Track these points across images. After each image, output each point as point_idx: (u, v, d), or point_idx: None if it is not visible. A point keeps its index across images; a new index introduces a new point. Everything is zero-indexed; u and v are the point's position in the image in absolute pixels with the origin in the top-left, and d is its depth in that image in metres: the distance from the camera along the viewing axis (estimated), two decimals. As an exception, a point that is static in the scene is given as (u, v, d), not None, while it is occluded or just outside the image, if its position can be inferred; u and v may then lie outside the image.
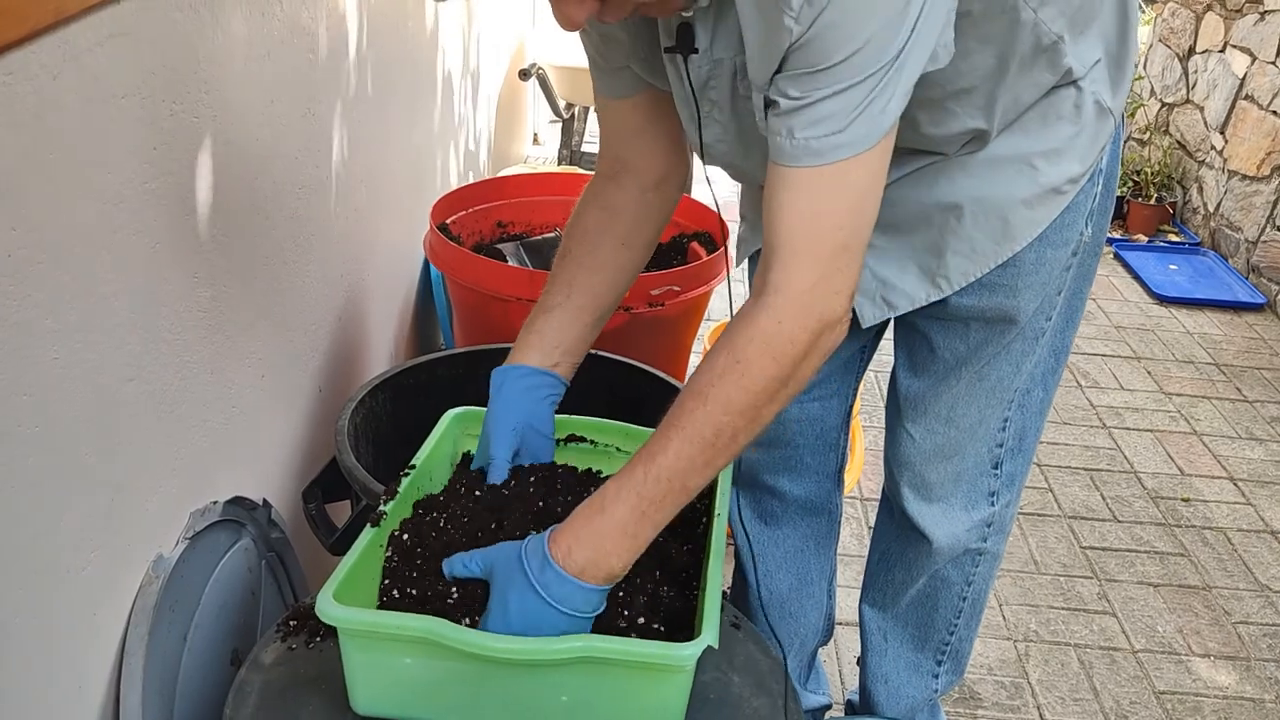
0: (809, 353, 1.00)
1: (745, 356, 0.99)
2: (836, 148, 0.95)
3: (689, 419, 1.00)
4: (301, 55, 1.62)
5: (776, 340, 0.99)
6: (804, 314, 0.99)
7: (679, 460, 0.99)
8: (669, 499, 1.00)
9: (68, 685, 1.08)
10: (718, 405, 0.99)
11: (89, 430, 1.06)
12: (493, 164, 3.76)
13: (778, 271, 0.99)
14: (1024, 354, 1.37)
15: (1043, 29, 1.12)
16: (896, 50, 0.91)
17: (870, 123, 0.95)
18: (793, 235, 0.99)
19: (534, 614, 0.98)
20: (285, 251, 1.61)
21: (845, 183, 0.98)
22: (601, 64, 1.20)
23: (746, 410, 1.00)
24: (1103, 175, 1.29)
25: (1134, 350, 3.52)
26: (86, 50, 1.00)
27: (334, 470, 1.58)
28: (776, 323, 0.99)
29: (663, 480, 0.99)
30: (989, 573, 1.59)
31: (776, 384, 1.00)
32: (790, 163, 0.97)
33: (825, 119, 0.94)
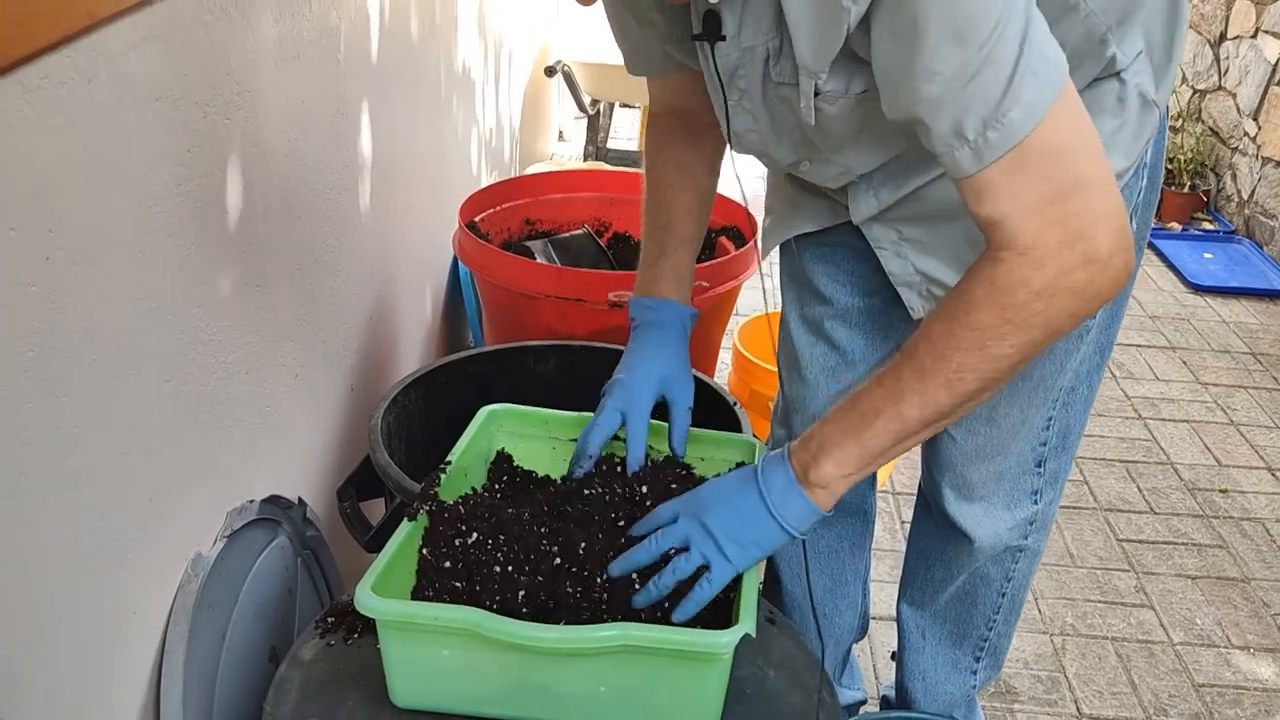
0: (1052, 296, 0.94)
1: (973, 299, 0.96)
2: (1016, 126, 0.89)
3: (915, 354, 0.99)
4: (330, 56, 1.63)
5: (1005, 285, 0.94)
6: (1039, 262, 0.93)
7: (942, 408, 1.00)
8: (923, 435, 1.03)
9: (109, 684, 1.09)
10: (941, 340, 0.98)
11: (127, 431, 1.07)
12: (519, 161, 3.77)
13: (999, 232, 0.93)
14: (1068, 352, 1.35)
15: (1094, 20, 1.09)
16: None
17: (1036, 82, 0.88)
18: (998, 208, 0.93)
19: (754, 522, 1.05)
20: (317, 251, 1.62)
21: (1038, 148, 0.90)
22: (641, 47, 1.22)
23: (974, 347, 0.97)
24: (1147, 169, 1.26)
25: (1169, 340, 3.48)
26: (119, 54, 1.01)
27: (368, 468, 1.59)
28: (1006, 271, 0.94)
29: (919, 426, 1.01)
30: (1029, 569, 1.57)
31: (1008, 326, 0.95)
32: (976, 168, 0.92)
33: (985, 97, 0.88)
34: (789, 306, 1.50)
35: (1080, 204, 0.92)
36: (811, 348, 1.47)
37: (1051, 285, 0.93)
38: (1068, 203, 0.92)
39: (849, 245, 1.37)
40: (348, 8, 1.69)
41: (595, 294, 2.00)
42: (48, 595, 0.95)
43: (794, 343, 1.49)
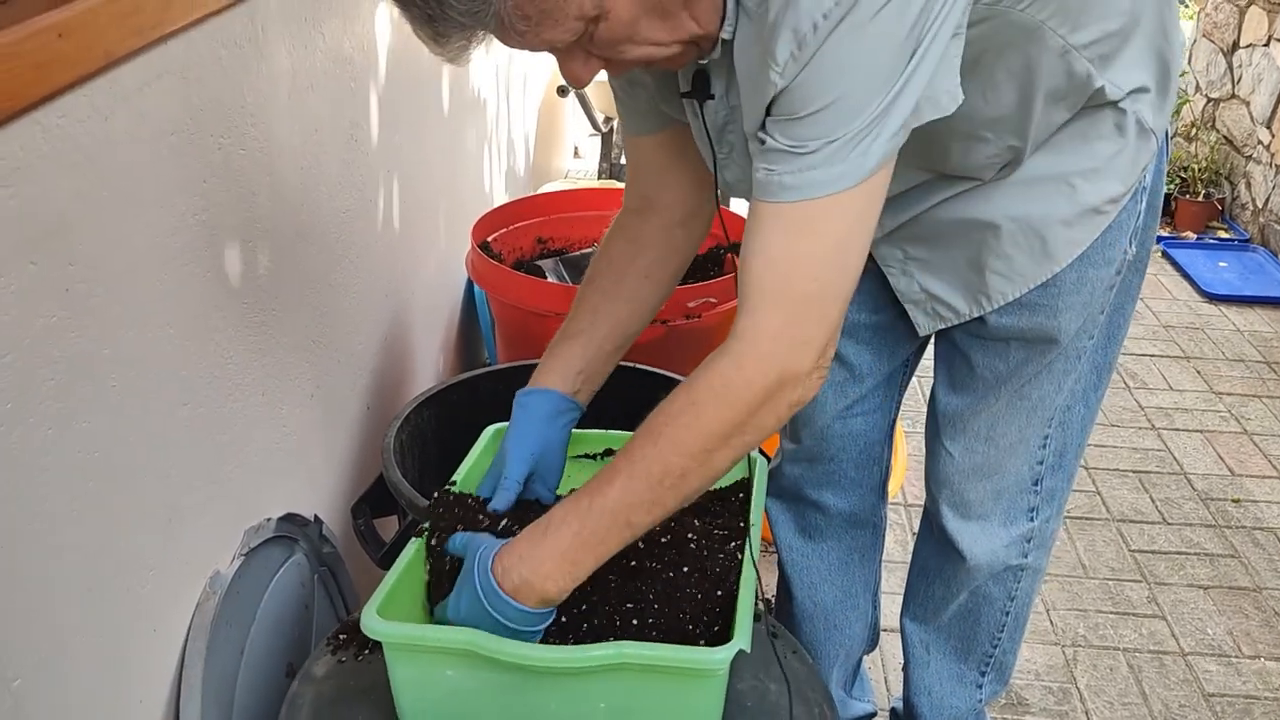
0: (766, 403, 0.97)
1: (700, 399, 0.98)
2: (811, 184, 0.93)
3: (639, 456, 1.00)
4: (343, 84, 1.67)
5: (734, 386, 0.97)
6: (764, 362, 0.97)
7: (625, 495, 0.99)
8: (612, 533, 1.00)
9: (130, 699, 1.12)
10: (669, 446, 0.99)
11: (146, 453, 1.11)
12: (533, 179, 3.81)
13: (744, 317, 0.98)
14: (1065, 373, 1.36)
15: (1074, 56, 1.10)
16: (879, 105, 0.90)
17: (849, 163, 0.92)
18: (761, 279, 0.97)
19: (476, 617, 1.02)
20: (331, 275, 1.65)
21: (819, 225, 0.95)
22: (628, 102, 1.22)
23: (697, 454, 0.99)
24: (1147, 193, 1.28)
25: (1183, 350, 3.48)
26: (135, 90, 1.04)
27: (381, 486, 1.62)
28: (736, 369, 0.97)
29: (606, 514, 1.00)
30: (1031, 587, 1.59)
31: (730, 430, 0.98)
32: (764, 196, 0.96)
33: (806, 160, 0.93)
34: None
35: (820, 314, 0.97)
36: None
37: (768, 390, 0.97)
38: (813, 309, 0.97)
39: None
40: (360, 37, 1.73)
41: (605, 312, 2.02)
42: (70, 614, 0.99)
43: None
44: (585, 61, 0.96)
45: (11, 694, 0.90)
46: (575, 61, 0.96)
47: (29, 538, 0.91)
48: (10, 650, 0.90)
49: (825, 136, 0.91)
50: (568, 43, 0.92)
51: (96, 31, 0.94)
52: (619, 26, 0.93)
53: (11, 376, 0.87)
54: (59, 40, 0.88)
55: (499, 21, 0.88)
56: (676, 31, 0.96)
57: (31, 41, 0.84)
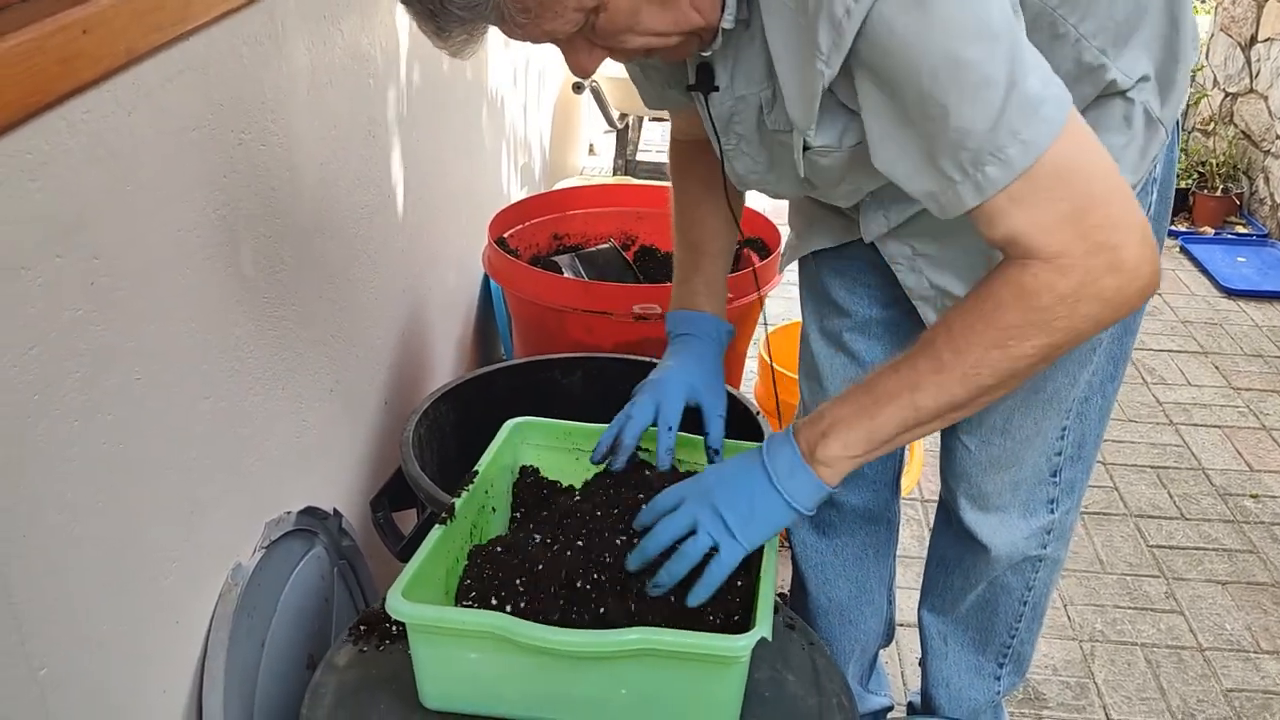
0: (1077, 301, 0.95)
1: (999, 298, 0.96)
2: (1013, 162, 0.90)
3: (936, 350, 1.00)
4: (362, 80, 1.68)
5: (1034, 290, 0.95)
6: (1064, 270, 0.93)
7: (956, 400, 1.01)
8: (924, 428, 1.04)
9: (153, 690, 1.13)
10: (962, 338, 0.98)
11: (168, 447, 1.12)
12: (549, 175, 3.82)
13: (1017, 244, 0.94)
14: (1080, 365, 1.36)
15: (1084, 45, 1.11)
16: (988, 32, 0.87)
17: (1034, 114, 0.89)
18: (1014, 230, 0.94)
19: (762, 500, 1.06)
20: (350, 270, 1.67)
21: (1048, 176, 0.91)
22: (645, 85, 1.24)
23: (997, 344, 0.98)
24: (1157, 185, 1.27)
25: (1201, 345, 3.47)
26: (158, 86, 1.06)
27: (400, 480, 1.63)
28: (1032, 275, 0.94)
29: (926, 415, 1.02)
30: (1049, 578, 1.58)
31: (1033, 328, 0.96)
32: (978, 200, 0.93)
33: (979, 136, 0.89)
34: (808, 319, 1.53)
35: (1099, 218, 0.93)
36: (831, 359, 1.49)
37: (1077, 291, 0.94)
38: (1086, 218, 0.93)
39: (865, 259, 1.40)
40: (378, 33, 1.74)
41: (621, 307, 2.03)
42: (94, 605, 1.00)
43: (814, 354, 1.52)
44: (589, 52, 0.97)
45: (38, 683, 0.92)
46: (578, 52, 0.97)
47: (54, 529, 0.92)
48: (37, 640, 0.91)
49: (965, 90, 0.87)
50: (569, 33, 0.93)
51: (119, 28, 0.95)
52: (620, 16, 0.93)
53: (38, 369, 0.88)
54: (83, 36, 0.89)
55: (499, 14, 0.89)
56: (678, 22, 0.96)
57: (57, 37, 0.85)
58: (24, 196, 0.85)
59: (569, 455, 1.35)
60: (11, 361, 0.85)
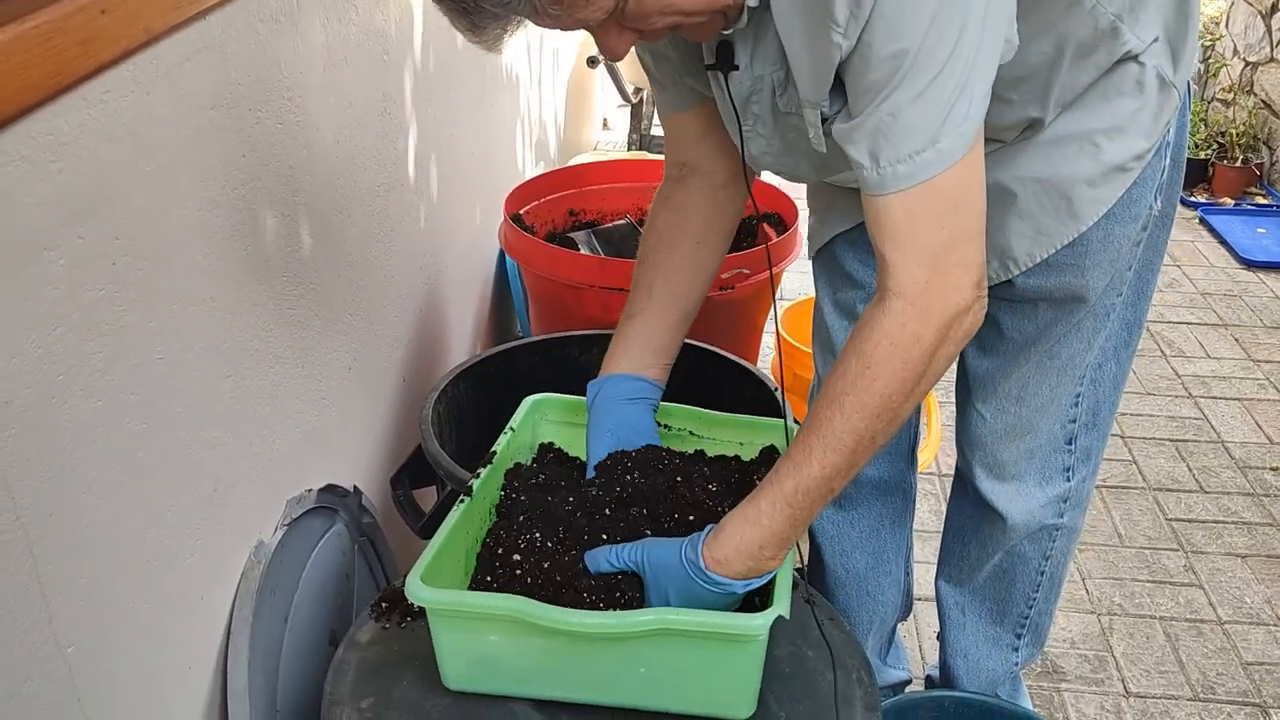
0: (939, 346, 1.01)
1: (874, 362, 1.01)
2: (924, 167, 0.96)
3: (829, 428, 1.03)
4: (377, 57, 1.67)
5: (902, 342, 1.00)
6: (925, 313, 1.00)
7: (824, 469, 1.03)
8: (817, 504, 1.06)
9: (179, 667, 1.15)
10: (855, 412, 1.02)
11: (191, 425, 1.13)
12: (563, 151, 3.81)
13: (891, 277, 1.01)
14: (1095, 331, 1.36)
15: (1100, 11, 1.11)
16: (956, 51, 0.92)
17: (955, 133, 0.95)
18: (897, 245, 1.00)
19: (698, 604, 1.07)
20: (367, 247, 1.67)
21: (938, 193, 0.98)
22: (658, 78, 1.23)
23: (883, 413, 1.02)
24: (1170, 148, 1.27)
25: (1220, 317, 3.44)
26: (176, 65, 1.05)
27: (420, 457, 1.64)
28: (900, 326, 1.00)
29: (812, 490, 1.04)
30: (1066, 547, 1.59)
31: (910, 383, 1.02)
32: (878, 191, 0.98)
33: (903, 137, 0.95)
34: (822, 291, 1.53)
35: (960, 254, 1.00)
36: (844, 330, 1.49)
37: (937, 335, 1.01)
38: (952, 251, 0.99)
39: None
40: (393, 10, 1.74)
41: (638, 283, 2.03)
42: (123, 583, 1.01)
43: (827, 326, 1.52)
44: (619, 35, 0.97)
45: (66, 660, 0.93)
46: (609, 36, 0.97)
47: (80, 509, 0.93)
48: (64, 619, 0.92)
49: (912, 93, 0.93)
50: (600, 20, 0.93)
51: (137, 7, 0.95)
52: (650, 1, 0.93)
53: (62, 350, 0.89)
54: (102, 16, 0.89)
55: (532, 8, 0.90)
56: (710, 1, 0.97)
57: (77, 18, 0.85)
58: (46, 177, 0.86)
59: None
60: (36, 343, 0.85)
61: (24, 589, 0.86)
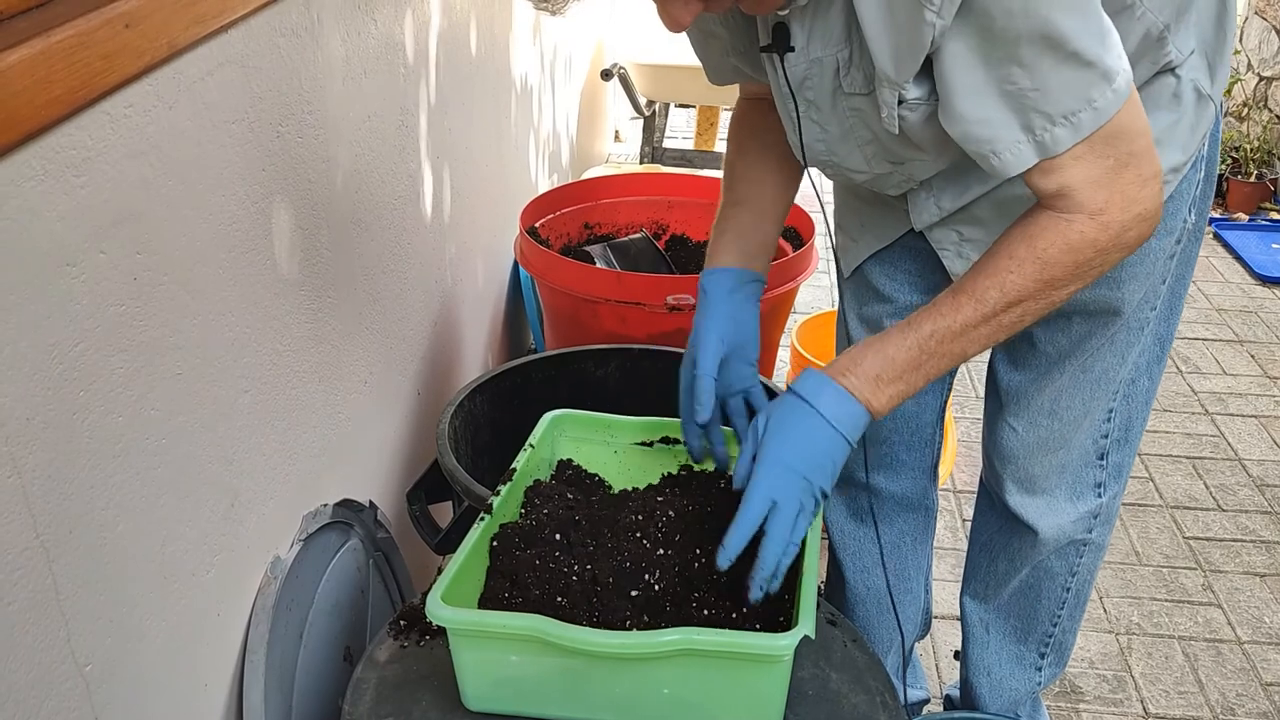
0: (1113, 249, 1.03)
1: (1049, 257, 1.02)
2: (1084, 125, 0.96)
3: (983, 295, 1.04)
4: (395, 71, 1.67)
5: (1079, 246, 1.02)
6: (1106, 226, 1.01)
7: (967, 326, 1.05)
8: (946, 359, 1.06)
9: (196, 682, 1.14)
10: (1014, 290, 1.04)
11: (209, 440, 1.12)
12: (576, 164, 3.81)
13: (1066, 199, 1.01)
14: (1128, 345, 1.36)
15: (1150, 18, 1.11)
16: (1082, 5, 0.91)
17: (1109, 89, 0.95)
18: (1070, 182, 1.00)
19: (810, 431, 1.06)
20: (383, 261, 1.66)
21: (1105, 138, 0.98)
22: (704, 56, 1.24)
23: (1039, 295, 1.04)
24: (1205, 161, 1.27)
25: (1236, 333, 3.42)
26: (198, 80, 1.05)
27: (436, 472, 1.63)
28: (1079, 234, 1.01)
29: (946, 340, 1.05)
30: (1093, 564, 1.57)
31: (1077, 278, 1.04)
32: (1042, 157, 0.99)
33: (1058, 100, 0.95)
34: (848, 305, 1.52)
35: (1134, 172, 1.01)
36: None
37: (1113, 242, 1.02)
38: (1125, 171, 1.00)
39: (907, 245, 1.39)
40: (410, 23, 1.74)
41: (654, 297, 2.02)
42: (140, 599, 1.00)
43: (851, 340, 1.51)
44: (685, 3, 0.96)
45: (83, 678, 0.92)
46: (675, 3, 0.96)
47: (100, 525, 0.92)
48: (83, 636, 0.91)
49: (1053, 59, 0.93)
50: None
51: (161, 21, 0.94)
52: None
53: (85, 365, 0.88)
54: (126, 31, 0.89)
55: None
56: None
57: (101, 32, 0.85)
58: (69, 192, 0.85)
59: (607, 449, 1.34)
60: (58, 359, 0.85)
61: (43, 606, 0.85)
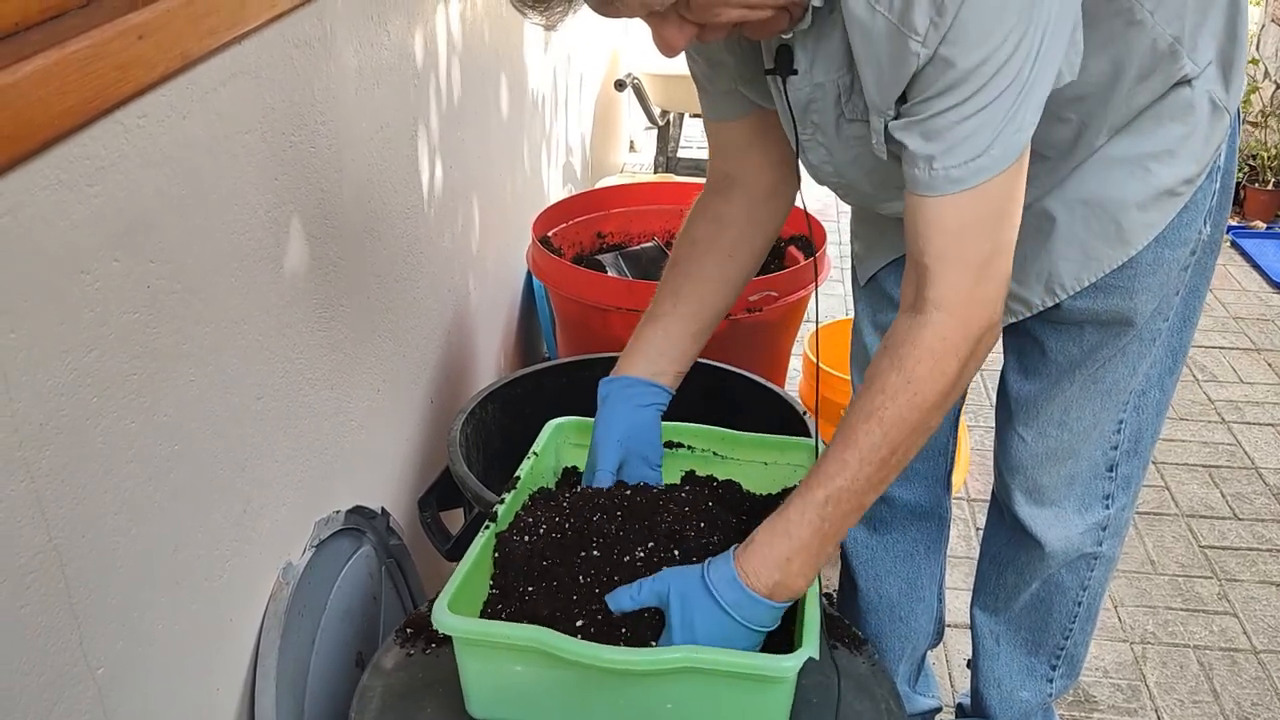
0: (970, 360, 1.04)
1: (916, 376, 1.02)
2: (978, 172, 0.97)
3: (865, 440, 1.03)
4: (408, 81, 1.69)
5: (944, 355, 1.02)
6: (965, 325, 1.02)
7: (857, 481, 1.03)
8: (849, 517, 1.05)
9: (207, 687, 1.15)
10: (893, 426, 1.02)
11: (222, 447, 1.13)
12: (591, 173, 3.82)
13: (933, 289, 1.02)
14: (1140, 356, 1.35)
15: (1158, 31, 1.11)
16: (1026, 63, 0.93)
17: (1007, 143, 0.97)
18: (943, 254, 1.01)
19: (723, 633, 1.03)
20: (396, 269, 1.67)
21: (987, 201, 1.00)
22: (709, 87, 1.23)
23: (919, 426, 1.03)
24: (1221, 173, 1.26)
25: (1253, 342, 3.41)
26: (212, 90, 1.06)
27: (447, 479, 1.64)
28: (942, 339, 1.02)
29: (843, 502, 1.03)
30: (1104, 576, 1.56)
31: (945, 396, 1.04)
32: (929, 192, 1.00)
33: (962, 144, 0.96)
34: (862, 314, 1.52)
35: (997, 267, 1.03)
36: None
37: (971, 350, 1.03)
38: (992, 264, 1.02)
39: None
40: (423, 35, 1.75)
41: (666, 306, 2.03)
42: (152, 603, 1.01)
43: (866, 347, 1.51)
44: (680, 27, 0.97)
45: (96, 681, 0.93)
46: (669, 27, 0.97)
47: (113, 530, 0.94)
48: (95, 640, 0.92)
49: (985, 99, 0.94)
50: (666, 4, 0.93)
51: (174, 33, 0.96)
52: None
53: (98, 371, 0.89)
54: (140, 42, 0.90)
55: None
56: None
57: (115, 43, 0.86)
58: (83, 201, 0.86)
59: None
60: (72, 365, 0.86)
61: (56, 610, 0.86)
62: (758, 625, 1.04)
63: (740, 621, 1.03)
